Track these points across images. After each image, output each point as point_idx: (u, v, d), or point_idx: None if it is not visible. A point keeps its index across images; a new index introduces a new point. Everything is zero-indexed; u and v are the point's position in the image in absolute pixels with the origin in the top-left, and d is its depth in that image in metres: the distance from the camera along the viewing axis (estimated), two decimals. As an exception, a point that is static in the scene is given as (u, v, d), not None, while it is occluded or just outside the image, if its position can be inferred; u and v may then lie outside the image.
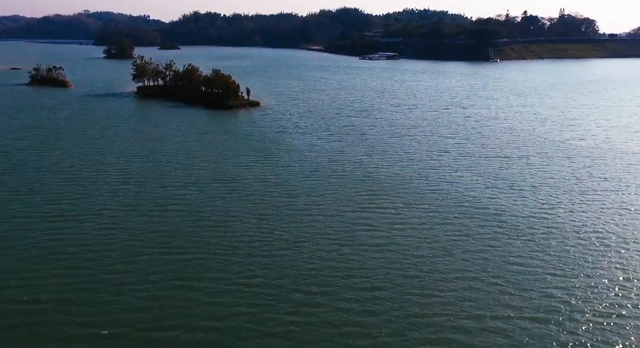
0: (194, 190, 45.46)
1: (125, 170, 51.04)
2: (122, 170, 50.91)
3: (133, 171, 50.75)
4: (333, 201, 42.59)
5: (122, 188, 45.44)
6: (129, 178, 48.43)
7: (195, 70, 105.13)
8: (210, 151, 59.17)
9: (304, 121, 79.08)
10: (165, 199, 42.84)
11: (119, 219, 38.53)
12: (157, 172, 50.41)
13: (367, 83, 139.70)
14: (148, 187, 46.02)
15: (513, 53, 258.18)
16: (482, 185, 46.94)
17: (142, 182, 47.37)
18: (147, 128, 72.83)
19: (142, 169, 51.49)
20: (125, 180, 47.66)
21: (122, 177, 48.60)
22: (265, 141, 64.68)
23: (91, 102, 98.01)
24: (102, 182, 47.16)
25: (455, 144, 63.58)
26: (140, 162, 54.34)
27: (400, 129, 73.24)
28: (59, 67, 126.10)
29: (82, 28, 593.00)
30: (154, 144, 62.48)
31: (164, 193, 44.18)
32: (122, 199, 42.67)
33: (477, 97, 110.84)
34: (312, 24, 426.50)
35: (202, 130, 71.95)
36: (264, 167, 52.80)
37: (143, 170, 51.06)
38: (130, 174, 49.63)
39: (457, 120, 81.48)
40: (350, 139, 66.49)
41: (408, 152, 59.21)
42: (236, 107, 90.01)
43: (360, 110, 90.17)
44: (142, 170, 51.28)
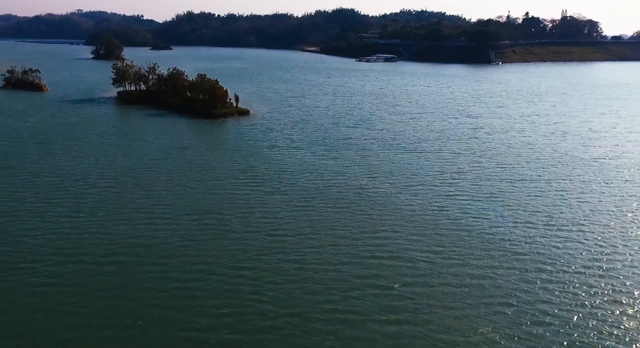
0: (159, 226, 37.03)
1: (78, 200, 42.39)
2: (75, 200, 42.27)
3: (88, 201, 42.15)
4: (331, 245, 34.27)
5: (65, 227, 36.80)
6: (80, 211, 39.80)
7: (181, 74, 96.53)
8: (187, 172, 50.74)
9: (297, 133, 70.75)
10: (119, 243, 34.36)
11: (54, 274, 30.14)
12: (117, 202, 41.88)
13: (366, 87, 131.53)
14: (101, 222, 37.52)
15: (515, 55, 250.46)
16: (512, 221, 38.72)
17: (95, 216, 38.76)
18: (120, 142, 64.30)
19: (100, 198, 42.90)
20: (74, 215, 39.04)
21: (71, 210, 39.97)
22: (252, 159, 56.32)
23: (65, 108, 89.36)
24: (48, 217, 38.66)
25: (470, 163, 55.37)
26: (102, 187, 45.79)
27: (406, 143, 65.04)
28: (35, 69, 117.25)
29: (75, 28, 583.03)
30: (124, 162, 54.00)
31: (119, 234, 35.69)
32: (64, 243, 34.14)
33: (485, 104, 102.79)
34: (308, 25, 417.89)
35: (182, 144, 63.50)
36: (248, 194, 44.41)
37: (101, 199, 42.49)
38: (83, 205, 40.98)
39: (467, 132, 73.34)
40: (350, 155, 58.23)
41: (418, 174, 50.96)
42: (223, 116, 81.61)
43: (360, 120, 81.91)
44: (100, 198, 42.71)
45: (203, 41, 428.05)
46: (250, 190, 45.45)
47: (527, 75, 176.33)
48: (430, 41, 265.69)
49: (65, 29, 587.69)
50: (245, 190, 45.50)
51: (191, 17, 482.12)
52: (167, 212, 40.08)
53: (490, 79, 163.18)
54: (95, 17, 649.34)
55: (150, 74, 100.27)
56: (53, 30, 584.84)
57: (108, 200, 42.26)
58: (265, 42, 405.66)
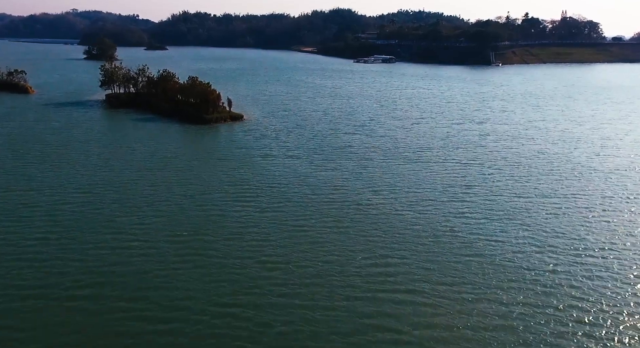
0: (138, 252, 32.82)
1: (49, 218, 38.08)
2: (46, 218, 37.98)
3: (61, 219, 37.86)
4: (332, 276, 30.11)
5: (30, 252, 32.51)
6: (50, 232, 35.47)
7: (171, 76, 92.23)
8: (173, 185, 46.51)
9: (293, 140, 66.56)
10: (91, 272, 30.11)
11: (10, 314, 25.91)
12: (93, 221, 37.59)
13: (364, 90, 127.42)
14: (72, 246, 33.24)
15: (515, 57, 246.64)
16: (533, 245, 34.66)
17: (66, 238, 34.46)
18: (103, 150, 59.95)
19: (75, 216, 38.60)
20: (42, 237, 34.70)
21: (40, 231, 35.61)
22: (244, 170, 52.12)
23: (49, 112, 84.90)
24: (12, 239, 34.34)
25: (479, 175, 51.33)
26: (78, 202, 41.50)
27: (409, 152, 60.97)
28: (20, 70, 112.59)
29: (70, 27, 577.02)
30: (105, 174, 49.70)
31: (92, 261, 31.42)
32: (27, 272, 29.81)
33: (489, 108, 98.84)
34: (305, 25, 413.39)
35: (170, 152, 59.24)
36: (238, 212, 40.21)
37: (75, 218, 38.19)
38: (54, 225, 36.66)
39: (473, 139, 69.32)
40: (350, 166, 54.10)
41: (423, 188, 46.87)
42: (215, 121, 77.31)
43: (359, 126, 77.80)
44: (74, 217, 38.42)
45: (199, 41, 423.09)
46: (241, 207, 41.26)
47: (528, 77, 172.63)
48: (428, 42, 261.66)
49: (60, 29, 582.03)
50: (235, 207, 41.31)
51: (187, 17, 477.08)
52: (148, 233, 35.87)
53: (491, 81, 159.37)
54: (90, 16, 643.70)
55: (139, 76, 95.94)
56: (48, 30, 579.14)
57: (83, 219, 38.03)
58: (261, 42, 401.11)
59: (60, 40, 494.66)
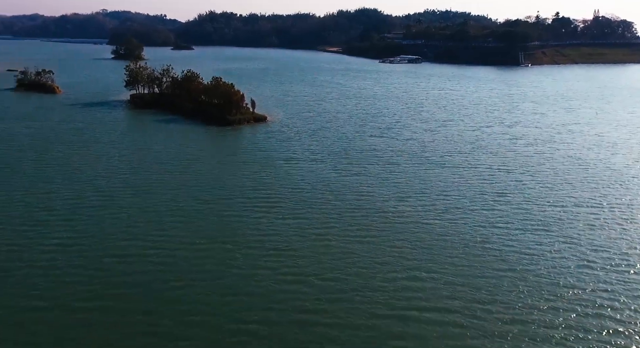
0: (151, 261, 31.61)
1: (65, 224, 37.18)
2: (62, 224, 37.10)
3: (76, 225, 36.92)
4: (356, 291, 28.42)
5: (44, 260, 31.58)
6: (64, 239, 34.54)
7: (195, 76, 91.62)
8: (194, 190, 45.38)
9: (316, 143, 65.01)
10: (104, 283, 29.00)
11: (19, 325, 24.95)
12: (110, 228, 36.56)
13: (390, 91, 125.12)
14: (86, 254, 32.19)
15: (545, 57, 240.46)
16: (573, 260, 32.37)
17: (80, 245, 33.46)
18: (125, 152, 59.31)
19: (91, 221, 37.61)
20: (57, 244, 33.76)
21: (55, 238, 34.69)
22: (266, 173, 50.76)
23: (74, 112, 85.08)
24: (26, 245, 33.54)
25: (512, 182, 48.95)
26: (95, 207, 40.59)
27: (437, 156, 58.81)
28: (48, 70, 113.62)
29: (99, 27, 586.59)
30: (125, 177, 48.88)
31: (105, 271, 30.32)
32: (40, 282, 28.88)
33: (519, 110, 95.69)
34: (330, 25, 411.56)
35: (191, 154, 58.29)
36: (259, 219, 38.79)
37: (92, 223, 37.21)
38: (69, 232, 35.71)
39: (503, 143, 66.74)
40: (376, 171, 52.28)
41: (453, 195, 44.77)
42: (238, 123, 76.26)
43: (385, 128, 75.83)
44: (91, 222, 37.45)
45: (225, 41, 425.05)
46: (262, 214, 39.85)
47: (559, 78, 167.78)
48: (455, 42, 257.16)
49: (89, 29, 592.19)
50: (256, 213, 39.93)
51: (213, 16, 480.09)
52: (166, 241, 34.72)
53: (520, 82, 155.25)
54: (119, 16, 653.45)
55: (164, 76, 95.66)
56: (78, 30, 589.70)
57: (100, 225, 37.12)
58: (286, 42, 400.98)
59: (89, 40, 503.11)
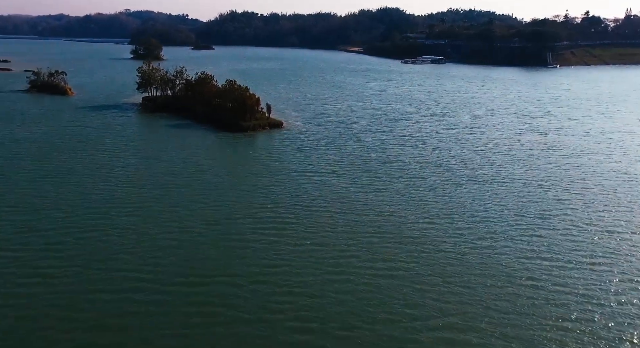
0: (138, 299, 27.04)
1: (51, 245, 32.77)
2: (47, 246, 32.78)
3: (62, 248, 32.57)
4: (381, 343, 23.60)
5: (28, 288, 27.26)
6: (51, 264, 29.99)
7: (210, 79, 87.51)
8: (197, 206, 40.89)
9: (335, 152, 60.16)
10: (77, 328, 24.51)
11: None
12: (96, 255, 32.07)
13: (413, 94, 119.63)
14: (63, 290, 27.77)
15: (574, 58, 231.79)
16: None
17: (63, 275, 28.98)
18: (129, 161, 55.19)
19: (78, 245, 33.16)
20: (45, 268, 29.30)
21: (32, 267, 30.20)
22: (279, 188, 46.05)
23: (83, 116, 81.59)
24: (9, 270, 29.35)
25: (554, 201, 43.43)
26: (84, 227, 36.18)
27: (467, 169, 53.47)
28: (61, 71, 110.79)
29: (122, 27, 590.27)
30: (124, 190, 44.62)
31: (82, 307, 25.81)
32: (22, 320, 24.61)
33: (552, 115, 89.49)
34: (351, 24, 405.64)
35: (199, 165, 53.91)
36: (268, 246, 34.08)
37: (77, 249, 32.73)
38: (56, 255, 31.29)
39: (539, 153, 61.05)
40: (400, 186, 47.21)
41: (488, 217, 39.46)
42: (253, 129, 71.74)
43: (408, 135, 70.61)
44: (77, 247, 32.99)
45: (245, 41, 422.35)
46: (272, 238, 35.15)
47: (591, 80, 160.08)
48: (480, 42, 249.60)
49: (113, 29, 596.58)
50: (265, 238, 35.25)
51: (234, 16, 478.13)
52: (159, 273, 30.20)
53: (549, 84, 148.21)
54: (142, 16, 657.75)
55: (177, 78, 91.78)
56: (101, 30, 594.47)
57: (86, 253, 32.69)
58: (307, 42, 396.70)
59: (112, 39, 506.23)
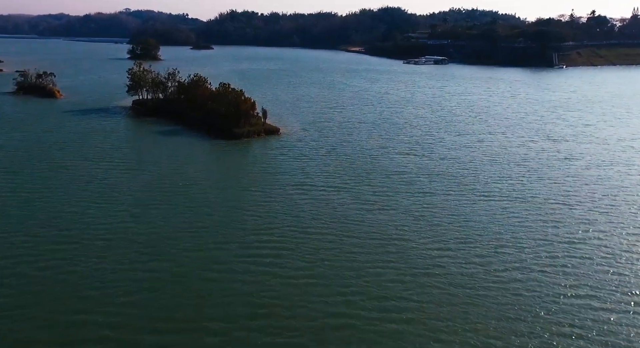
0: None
1: (7, 279, 28.35)
2: (4, 281, 28.28)
3: (19, 282, 27.92)
4: None
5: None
6: (7, 297, 25.69)
7: (203, 81, 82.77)
8: (179, 229, 36.19)
9: (335, 162, 55.40)
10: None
11: None
12: (57, 290, 27.41)
13: (416, 96, 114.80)
14: (18, 326, 23.29)
15: (580, 58, 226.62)
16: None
17: (10, 317, 24.52)
18: (110, 173, 50.39)
19: (40, 277, 28.49)
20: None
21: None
22: (272, 206, 41.31)
23: (69, 120, 76.90)
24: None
25: (582, 224, 38.68)
26: (45, 255, 31.48)
27: (479, 183, 48.71)
28: (50, 72, 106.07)
29: (122, 27, 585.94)
30: (101, 207, 39.89)
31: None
32: None
33: (566, 121, 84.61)
34: (352, 24, 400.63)
35: (185, 179, 49.13)
36: (254, 280, 29.32)
37: (38, 282, 28.12)
38: (11, 286, 26.68)
39: (557, 164, 56.28)
40: (407, 203, 42.46)
41: (511, 245, 34.67)
42: (247, 136, 67.00)
43: (413, 143, 65.88)
44: (38, 280, 28.35)
45: (246, 41, 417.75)
46: (262, 271, 30.44)
47: (600, 81, 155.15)
48: (484, 42, 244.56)
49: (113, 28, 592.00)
50: (253, 270, 30.53)
51: (234, 15, 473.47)
52: (125, 319, 25.51)
53: (558, 85, 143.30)
54: (142, 16, 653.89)
55: (169, 80, 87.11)
56: (101, 29, 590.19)
57: (46, 289, 28.04)
58: (308, 41, 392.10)
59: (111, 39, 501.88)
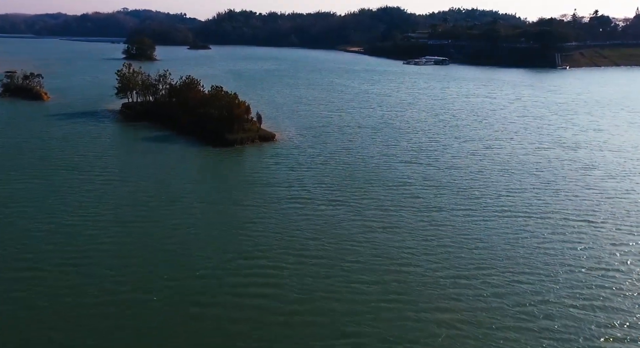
0: None
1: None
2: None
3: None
4: None
5: None
6: None
7: (195, 84, 78.52)
8: (158, 258, 32.03)
9: (334, 173, 51.24)
10: None
11: None
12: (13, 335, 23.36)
13: (418, 98, 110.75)
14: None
15: (583, 59, 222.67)
16: None
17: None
18: (86, 188, 46.21)
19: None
20: None
21: None
22: (264, 225, 37.16)
23: (53, 125, 72.73)
24: None
25: (609, 245, 34.58)
26: (6, 286, 27.50)
27: (491, 196, 44.63)
28: (37, 74, 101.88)
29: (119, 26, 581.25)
30: (66, 233, 35.73)
31: None
32: None
33: (577, 126, 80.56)
34: (351, 24, 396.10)
35: (173, 193, 45.00)
36: (244, 322, 25.23)
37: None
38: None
39: (574, 175, 52.25)
40: (413, 221, 38.34)
41: (534, 272, 30.57)
42: (240, 143, 62.85)
43: (417, 150, 61.83)
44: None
45: (243, 40, 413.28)
46: (251, 305, 26.28)
47: (606, 83, 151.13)
48: (485, 42, 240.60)
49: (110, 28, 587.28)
50: (240, 306, 26.39)
51: (232, 15, 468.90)
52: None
53: (563, 87, 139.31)
54: (139, 15, 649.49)
55: (159, 82, 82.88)
56: (99, 29, 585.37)
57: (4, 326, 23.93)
58: (307, 41, 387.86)
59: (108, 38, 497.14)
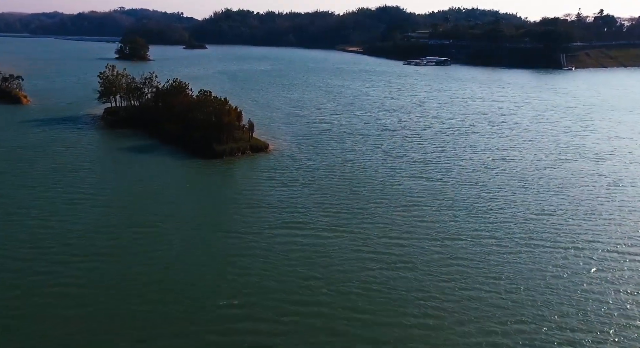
0: None
1: None
2: None
3: None
4: None
5: None
6: None
7: (183, 88, 72.72)
8: (112, 306, 26.39)
9: (333, 191, 45.49)
10: None
11: None
12: None
13: (422, 102, 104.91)
14: None
15: (589, 59, 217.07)
16: None
17: None
18: (55, 209, 40.52)
19: None
20: None
21: None
22: (253, 256, 31.43)
23: (29, 132, 67.04)
24: None
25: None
26: None
27: (513, 221, 38.98)
28: (17, 76, 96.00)
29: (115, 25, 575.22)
30: (28, 260, 30.05)
31: None
32: None
33: (595, 133, 74.99)
34: (350, 23, 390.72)
35: (154, 214, 39.29)
36: None
37: None
38: None
39: (602, 192, 46.65)
40: (429, 252, 32.64)
41: (574, 317, 25.00)
42: (230, 154, 57.06)
43: (425, 162, 56.13)
44: None
45: (241, 40, 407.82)
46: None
47: (616, 85, 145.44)
48: (487, 42, 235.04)
49: (106, 27, 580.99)
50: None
51: (229, 14, 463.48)
52: None
53: (571, 89, 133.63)
54: (136, 14, 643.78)
55: (145, 86, 77.06)
56: (95, 28, 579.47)
57: None
58: (305, 41, 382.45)
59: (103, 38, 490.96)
